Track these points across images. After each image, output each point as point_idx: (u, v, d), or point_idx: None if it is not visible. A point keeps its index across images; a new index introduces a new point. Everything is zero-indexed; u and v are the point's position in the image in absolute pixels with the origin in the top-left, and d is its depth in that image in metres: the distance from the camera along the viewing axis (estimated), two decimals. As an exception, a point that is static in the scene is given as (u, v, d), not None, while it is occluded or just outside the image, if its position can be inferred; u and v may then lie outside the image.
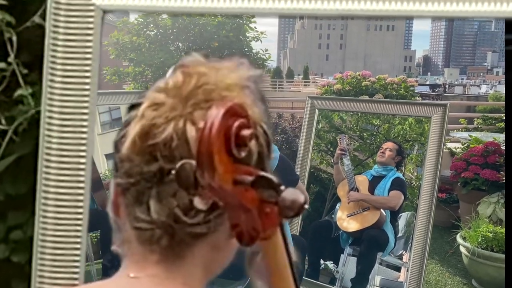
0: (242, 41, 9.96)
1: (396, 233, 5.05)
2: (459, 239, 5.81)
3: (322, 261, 5.30)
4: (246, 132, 0.80)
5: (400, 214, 5.09)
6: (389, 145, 5.18)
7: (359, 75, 10.19)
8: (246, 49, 10.12)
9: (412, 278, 4.79)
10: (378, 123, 5.45)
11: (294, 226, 5.46)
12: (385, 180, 5.08)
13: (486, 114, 11.27)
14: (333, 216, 5.35)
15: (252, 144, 0.84)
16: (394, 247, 5.02)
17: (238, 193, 0.79)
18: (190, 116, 0.84)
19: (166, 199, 0.85)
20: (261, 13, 1.40)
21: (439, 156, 4.79)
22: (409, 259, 4.87)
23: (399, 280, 5.05)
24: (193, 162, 0.79)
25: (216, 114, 0.78)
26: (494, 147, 6.91)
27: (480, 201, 6.34)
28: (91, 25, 1.73)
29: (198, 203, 0.83)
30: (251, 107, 0.86)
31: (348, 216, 5.12)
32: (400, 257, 5.08)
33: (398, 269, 5.08)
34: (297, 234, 5.39)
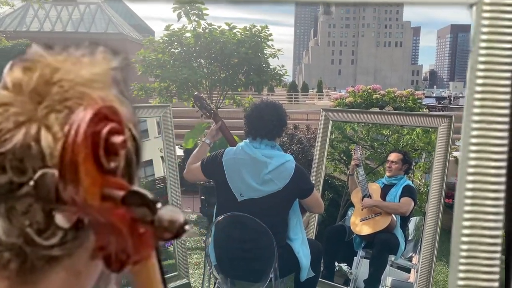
0: (260, 58, 9.92)
1: (406, 236, 5.01)
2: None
3: (336, 264, 5.28)
4: (117, 139, 0.65)
5: (409, 219, 5.06)
6: (393, 157, 5.16)
7: (369, 88, 10.17)
8: (264, 65, 10.09)
9: (421, 279, 4.75)
10: (388, 133, 5.42)
11: (310, 231, 5.44)
12: (396, 188, 5.05)
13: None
14: (345, 218, 5.33)
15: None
16: (404, 250, 4.98)
17: (106, 210, 0.64)
18: (44, 121, 0.67)
19: (16, 218, 0.66)
20: (276, 0, 1.34)
21: (445, 164, 4.76)
22: (418, 261, 4.83)
23: (409, 281, 5.00)
24: (56, 171, 0.64)
25: (82, 117, 0.64)
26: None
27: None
28: None
29: (60, 220, 0.66)
30: (118, 107, 0.69)
31: (361, 221, 5.10)
32: (410, 259, 5.04)
33: (408, 270, 5.04)
34: (313, 238, 5.37)
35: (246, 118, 4.17)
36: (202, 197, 7.64)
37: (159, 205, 0.63)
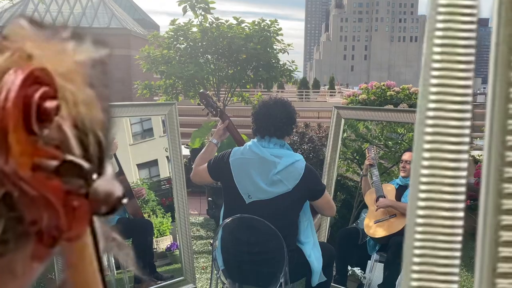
0: (269, 53, 9.92)
1: (422, 239, 4.99)
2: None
3: (349, 268, 5.26)
4: (50, 104, 0.60)
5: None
6: (408, 157, 5.14)
7: (383, 85, 10.14)
8: (274, 61, 10.09)
9: (439, 284, 4.72)
10: (403, 132, 5.40)
11: (322, 233, 5.43)
12: (412, 188, 5.03)
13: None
14: (358, 221, 5.32)
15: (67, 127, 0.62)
16: (420, 253, 4.96)
17: (38, 181, 0.58)
18: None
19: None
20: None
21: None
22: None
23: (425, 286, 4.98)
24: None
25: (12, 80, 0.59)
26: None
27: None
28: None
29: None
30: (93, 106, 0.64)
31: (375, 223, 5.08)
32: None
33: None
34: (325, 241, 5.35)
35: (253, 116, 4.16)
36: (210, 198, 7.63)
37: (95, 176, 0.59)
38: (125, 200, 0.61)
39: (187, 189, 5.52)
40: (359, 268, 5.27)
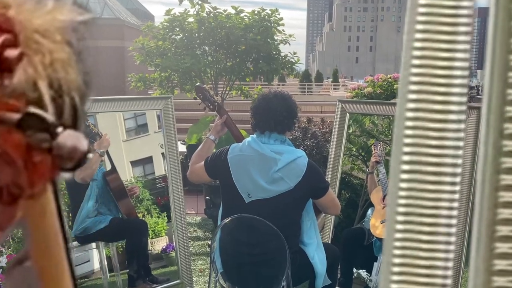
0: (270, 44, 9.90)
1: (431, 240, 4.98)
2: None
3: (354, 270, 5.25)
4: (11, 53, 0.58)
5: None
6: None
7: (390, 77, 10.12)
8: (274, 52, 10.07)
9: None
10: (411, 127, 5.38)
11: (325, 234, 5.42)
12: (420, 186, 5.02)
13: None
14: (364, 221, 5.30)
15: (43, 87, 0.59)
16: (429, 254, 4.95)
17: None
18: None
19: None
20: None
21: (474, 160, 4.72)
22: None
23: (435, 289, 4.97)
24: None
25: None
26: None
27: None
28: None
29: None
30: (71, 67, 0.63)
31: (381, 223, 5.07)
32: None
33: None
34: (329, 242, 5.34)
35: (252, 110, 4.14)
36: (207, 197, 7.62)
37: (59, 129, 0.58)
38: (90, 155, 0.59)
39: (183, 188, 5.51)
40: (364, 271, 5.26)
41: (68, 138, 0.58)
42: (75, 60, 0.64)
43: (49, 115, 0.56)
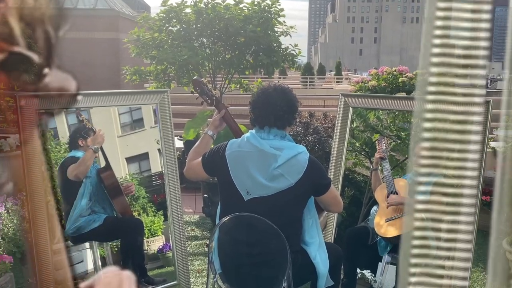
0: (270, 36, 9.87)
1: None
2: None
3: (358, 270, 5.26)
4: None
5: (442, 219, 5.02)
6: (421, 148, 5.11)
7: (395, 70, 10.11)
8: (275, 44, 10.05)
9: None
10: (417, 122, 5.38)
11: (328, 233, 5.42)
12: (426, 183, 5.01)
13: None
14: (368, 220, 5.30)
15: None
16: (436, 254, 4.94)
17: None
18: None
19: None
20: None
21: (482, 156, 4.71)
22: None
23: (441, 290, 4.97)
24: None
25: None
26: (543, 146, 6.78)
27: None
28: None
29: None
30: None
31: (386, 221, 5.07)
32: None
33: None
34: (332, 241, 5.34)
35: (251, 104, 4.13)
36: (205, 195, 7.62)
37: (46, 70, 0.56)
38: (80, 97, 0.57)
39: (181, 185, 5.51)
40: (369, 271, 5.26)
41: (55, 79, 0.56)
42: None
43: (35, 55, 0.55)
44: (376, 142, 5.38)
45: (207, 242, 6.81)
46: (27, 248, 5.19)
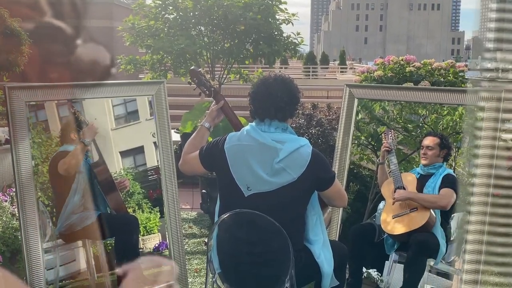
0: (271, 24, 9.85)
1: (447, 236, 4.97)
2: None
3: (364, 269, 5.25)
4: None
5: (451, 215, 5.01)
6: (428, 142, 5.11)
7: (402, 60, 10.11)
8: (276, 33, 10.02)
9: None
10: (424, 113, 5.37)
11: (333, 230, 5.40)
12: (435, 178, 5.00)
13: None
14: (374, 216, 5.30)
15: None
16: (445, 252, 4.94)
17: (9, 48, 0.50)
18: None
19: None
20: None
21: (494, 149, 4.71)
22: (462, 266, 4.78)
23: (451, 289, 4.98)
24: None
25: None
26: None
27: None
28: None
29: None
30: None
31: (393, 218, 5.05)
32: (452, 263, 5.00)
33: (450, 277, 5.00)
34: (336, 239, 5.33)
35: (251, 96, 4.10)
36: (203, 191, 7.61)
37: (78, 41, 0.55)
38: (114, 70, 0.56)
39: (177, 180, 5.49)
40: (375, 270, 5.26)
41: (88, 50, 0.56)
42: None
43: (67, 26, 0.55)
44: (383, 134, 5.37)
45: (206, 240, 6.80)
46: (16, 246, 5.18)
